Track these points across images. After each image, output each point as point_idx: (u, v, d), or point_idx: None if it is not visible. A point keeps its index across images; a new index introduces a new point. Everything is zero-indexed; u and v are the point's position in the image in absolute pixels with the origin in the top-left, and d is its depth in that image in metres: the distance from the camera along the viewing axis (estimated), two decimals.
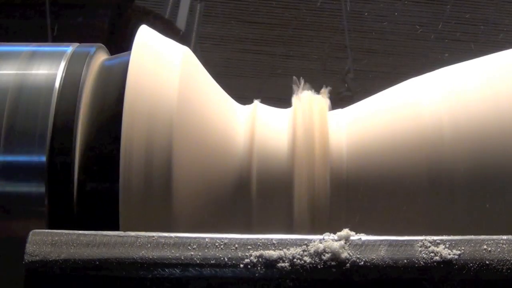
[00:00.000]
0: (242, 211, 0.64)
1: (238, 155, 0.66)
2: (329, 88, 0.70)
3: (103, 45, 0.72)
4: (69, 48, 0.68)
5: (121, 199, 0.60)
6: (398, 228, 0.62)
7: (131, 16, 2.37)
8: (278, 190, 0.65)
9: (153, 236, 0.52)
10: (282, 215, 0.64)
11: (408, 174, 0.63)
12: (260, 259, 0.51)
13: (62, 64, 0.66)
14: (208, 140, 0.65)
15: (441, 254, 0.49)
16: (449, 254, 0.49)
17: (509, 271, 0.46)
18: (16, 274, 0.53)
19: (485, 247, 0.47)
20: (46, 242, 0.51)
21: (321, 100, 0.69)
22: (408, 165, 0.63)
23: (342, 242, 0.51)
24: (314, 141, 0.66)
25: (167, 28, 2.51)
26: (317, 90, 0.70)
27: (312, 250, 0.51)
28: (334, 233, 0.52)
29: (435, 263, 0.49)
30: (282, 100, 0.75)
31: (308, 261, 0.50)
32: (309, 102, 0.68)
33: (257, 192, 0.64)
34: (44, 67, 0.66)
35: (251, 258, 0.51)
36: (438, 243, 0.50)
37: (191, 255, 0.51)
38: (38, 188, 0.61)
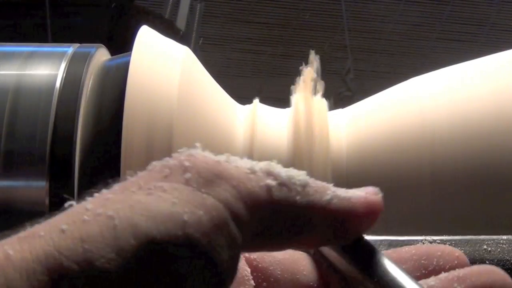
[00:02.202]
0: None
1: (238, 154, 0.66)
2: (324, 88, 0.70)
3: (103, 46, 0.72)
4: (70, 49, 0.68)
5: None
6: (398, 227, 0.62)
7: (131, 16, 2.37)
8: None
9: None
10: None
11: (409, 172, 0.63)
12: None
13: (63, 65, 0.66)
14: (208, 140, 0.65)
15: None
16: None
17: (509, 271, 0.46)
18: None
19: (485, 247, 0.47)
20: None
21: (320, 100, 0.69)
22: (409, 162, 0.63)
23: None
24: (314, 141, 0.66)
25: (167, 28, 2.51)
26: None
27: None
28: None
29: None
30: (282, 100, 0.75)
31: None
32: (309, 102, 0.68)
33: None
34: (44, 67, 0.66)
35: None
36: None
37: None
38: (38, 188, 0.61)
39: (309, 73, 0.70)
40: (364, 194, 0.37)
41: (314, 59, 0.71)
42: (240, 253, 0.32)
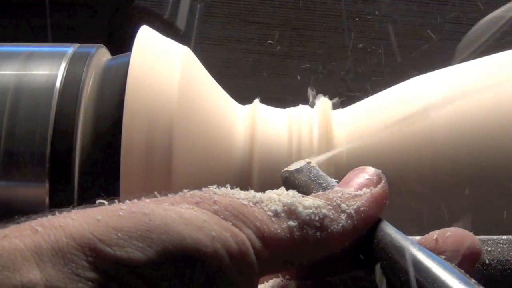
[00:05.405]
0: None
1: (238, 153, 0.66)
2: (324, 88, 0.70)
3: (103, 46, 0.72)
4: (70, 49, 0.68)
5: (121, 199, 0.60)
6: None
7: (131, 16, 2.36)
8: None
9: None
10: None
11: (409, 171, 0.63)
12: None
13: (63, 65, 0.66)
14: (208, 139, 0.65)
15: None
16: None
17: (509, 271, 0.46)
18: None
19: (485, 247, 0.47)
20: None
21: (323, 100, 0.69)
22: (409, 162, 0.63)
23: None
24: (315, 140, 0.66)
25: (167, 28, 2.50)
26: (317, 91, 0.70)
27: None
28: None
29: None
30: (282, 100, 0.75)
31: None
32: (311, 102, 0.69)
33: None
34: (44, 67, 0.66)
35: None
36: None
37: None
38: (38, 188, 0.61)
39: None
40: (369, 191, 0.40)
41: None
42: (256, 280, 0.34)
